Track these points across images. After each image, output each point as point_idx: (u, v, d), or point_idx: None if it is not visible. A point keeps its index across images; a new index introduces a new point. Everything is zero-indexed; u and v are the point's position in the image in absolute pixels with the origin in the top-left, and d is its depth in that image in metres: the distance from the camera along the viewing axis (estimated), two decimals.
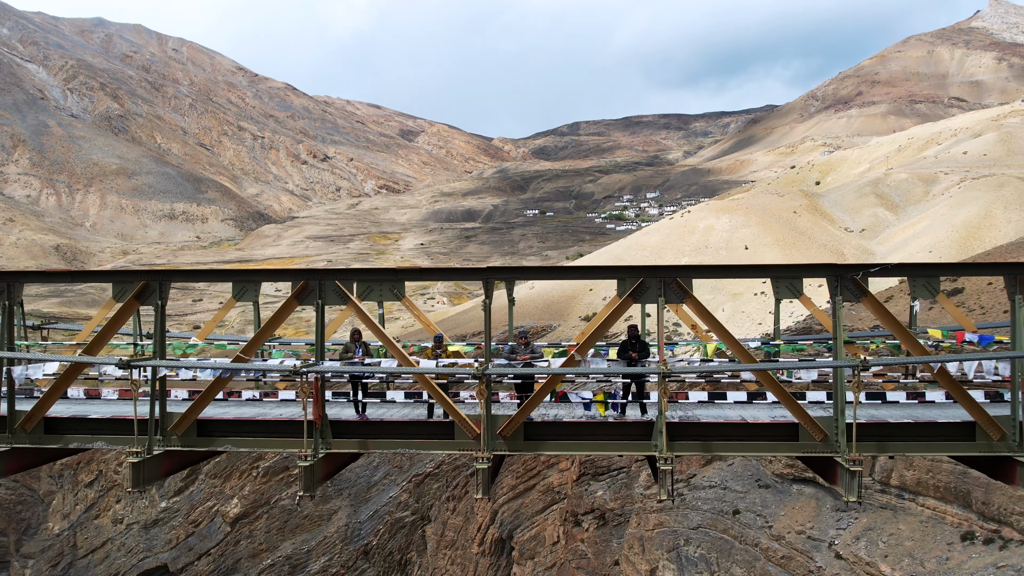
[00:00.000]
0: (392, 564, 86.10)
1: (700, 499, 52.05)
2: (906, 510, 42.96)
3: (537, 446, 14.56)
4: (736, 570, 47.94)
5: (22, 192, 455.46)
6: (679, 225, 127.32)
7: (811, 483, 48.10)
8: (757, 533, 47.45)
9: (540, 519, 67.64)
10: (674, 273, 14.20)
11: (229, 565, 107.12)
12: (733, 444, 14.99)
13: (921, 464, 42.44)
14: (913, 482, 42.94)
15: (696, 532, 51.11)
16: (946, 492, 41.34)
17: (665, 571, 52.32)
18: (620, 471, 60.18)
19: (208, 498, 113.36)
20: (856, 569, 41.56)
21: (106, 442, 15.30)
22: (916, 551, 40.30)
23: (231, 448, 14.78)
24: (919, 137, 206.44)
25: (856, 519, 44.35)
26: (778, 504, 48.09)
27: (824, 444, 14.16)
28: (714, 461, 54.64)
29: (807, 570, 43.81)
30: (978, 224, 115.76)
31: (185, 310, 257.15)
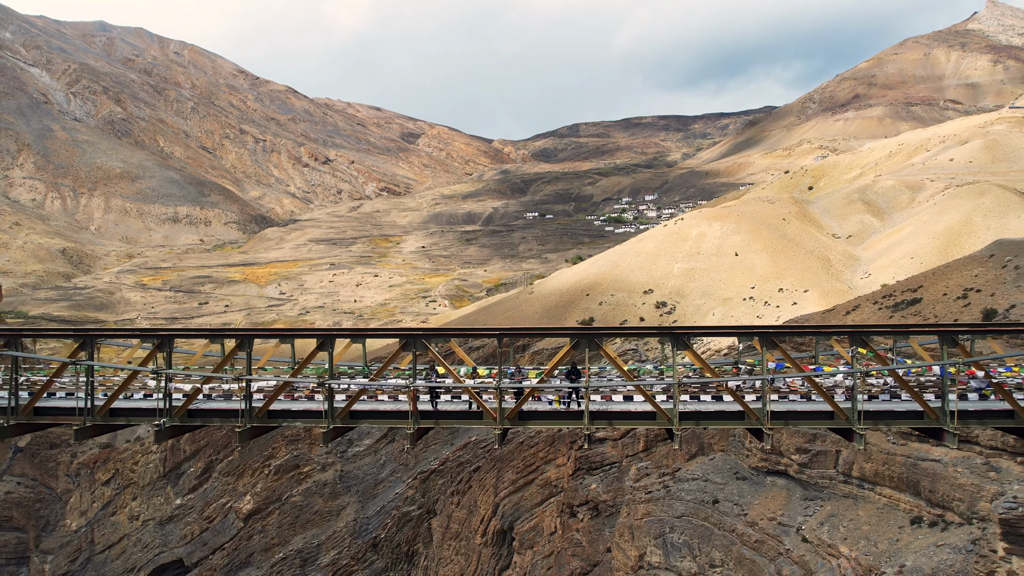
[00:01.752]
0: (400, 555, 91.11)
1: (684, 491, 57.02)
2: (865, 498, 47.91)
3: (525, 424, 23.14)
4: (715, 554, 52.93)
5: (27, 196, 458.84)
6: (672, 232, 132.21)
7: (783, 475, 53.08)
8: (734, 520, 52.44)
9: (538, 511, 72.65)
10: (595, 336, 22.22)
11: (242, 559, 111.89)
12: (623, 421, 23.24)
13: (878, 457, 47.42)
14: (872, 473, 47.89)
15: (680, 520, 56.09)
16: (900, 482, 46.28)
17: (652, 556, 57.31)
18: (612, 466, 65.18)
19: (222, 495, 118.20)
20: (819, 551, 46.55)
21: (303, 423, 23.47)
22: (872, 534, 45.30)
23: (369, 424, 23.83)
24: (909, 143, 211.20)
25: (821, 507, 49.33)
26: (753, 494, 53.06)
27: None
28: (698, 456, 59.58)
29: (777, 553, 48.80)
30: (959, 231, 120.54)
31: (192, 313, 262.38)
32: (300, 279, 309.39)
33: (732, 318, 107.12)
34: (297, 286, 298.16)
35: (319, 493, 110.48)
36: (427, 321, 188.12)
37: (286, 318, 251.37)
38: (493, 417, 21.78)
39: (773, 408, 22.21)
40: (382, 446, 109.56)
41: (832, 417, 21.48)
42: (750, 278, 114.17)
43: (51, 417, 23.08)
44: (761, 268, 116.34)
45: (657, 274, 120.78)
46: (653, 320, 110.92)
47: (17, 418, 21.86)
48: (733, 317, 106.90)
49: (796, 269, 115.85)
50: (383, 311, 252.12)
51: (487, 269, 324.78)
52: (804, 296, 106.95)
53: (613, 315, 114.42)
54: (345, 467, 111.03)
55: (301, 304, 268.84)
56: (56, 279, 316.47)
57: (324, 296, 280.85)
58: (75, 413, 21.97)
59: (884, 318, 57.05)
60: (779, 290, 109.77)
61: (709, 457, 57.83)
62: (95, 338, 22.29)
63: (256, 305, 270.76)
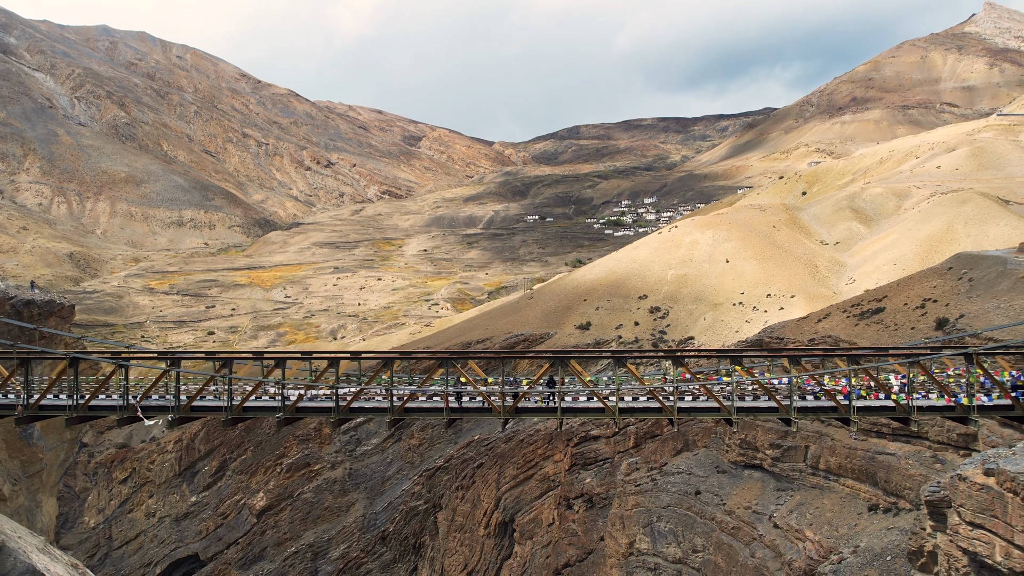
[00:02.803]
0: (407, 547, 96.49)
1: (670, 483, 62.37)
2: (830, 488, 53.29)
3: (519, 416, 29.67)
4: (697, 540, 58.30)
5: (34, 200, 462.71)
6: (666, 239, 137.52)
7: (759, 468, 58.43)
8: (714, 509, 57.80)
9: (537, 504, 77.98)
10: (566, 357, 29.75)
11: (256, 553, 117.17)
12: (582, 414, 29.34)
13: (842, 451, 52.81)
14: (836, 466, 53.27)
15: (666, 510, 61.44)
16: (860, 473, 51.67)
17: (641, 544, 62.67)
18: (605, 461, 70.53)
19: (235, 492, 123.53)
20: (788, 535, 51.94)
21: (374, 416, 31.55)
22: (834, 520, 50.68)
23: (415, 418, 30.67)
24: (899, 149, 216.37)
25: (791, 496, 54.70)
26: (731, 486, 58.41)
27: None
28: (683, 451, 64.93)
29: (751, 538, 54.17)
30: (940, 239, 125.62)
31: (199, 316, 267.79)
32: (305, 282, 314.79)
33: (722, 322, 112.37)
34: (302, 289, 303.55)
35: (329, 490, 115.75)
36: (431, 324, 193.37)
37: (291, 321, 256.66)
38: (499, 412, 28.22)
39: (680, 405, 28.44)
40: (389, 445, 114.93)
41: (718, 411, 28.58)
42: (740, 284, 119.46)
43: (203, 413, 30.90)
44: (751, 274, 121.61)
45: (651, 280, 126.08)
46: (647, 324, 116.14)
47: (179, 412, 29.18)
48: (723, 322, 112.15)
49: (784, 275, 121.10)
50: (387, 314, 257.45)
51: (488, 272, 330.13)
52: (791, 301, 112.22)
53: (609, 320, 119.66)
54: (354, 465, 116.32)
55: (306, 307, 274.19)
56: (64, 283, 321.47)
57: (328, 299, 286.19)
58: (222, 411, 29.35)
59: (851, 326, 62.23)
60: (767, 296, 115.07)
61: (693, 452, 63.21)
62: (232, 360, 28.94)
63: (262, 308, 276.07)
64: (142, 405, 28.66)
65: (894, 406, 26.87)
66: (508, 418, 27.77)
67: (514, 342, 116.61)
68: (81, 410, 28.51)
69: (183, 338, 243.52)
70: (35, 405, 28.51)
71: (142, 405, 28.66)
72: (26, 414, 28.52)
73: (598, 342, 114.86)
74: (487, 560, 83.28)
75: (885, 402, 27.40)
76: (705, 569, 56.80)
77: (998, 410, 26.47)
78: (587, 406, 29.56)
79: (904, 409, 26.41)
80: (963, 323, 51.52)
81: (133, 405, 27.80)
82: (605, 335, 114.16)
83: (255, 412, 29.75)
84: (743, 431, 57.38)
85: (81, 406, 28.34)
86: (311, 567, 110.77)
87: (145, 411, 28.39)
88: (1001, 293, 54.23)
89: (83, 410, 28.53)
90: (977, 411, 25.67)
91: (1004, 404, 26.31)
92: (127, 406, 27.68)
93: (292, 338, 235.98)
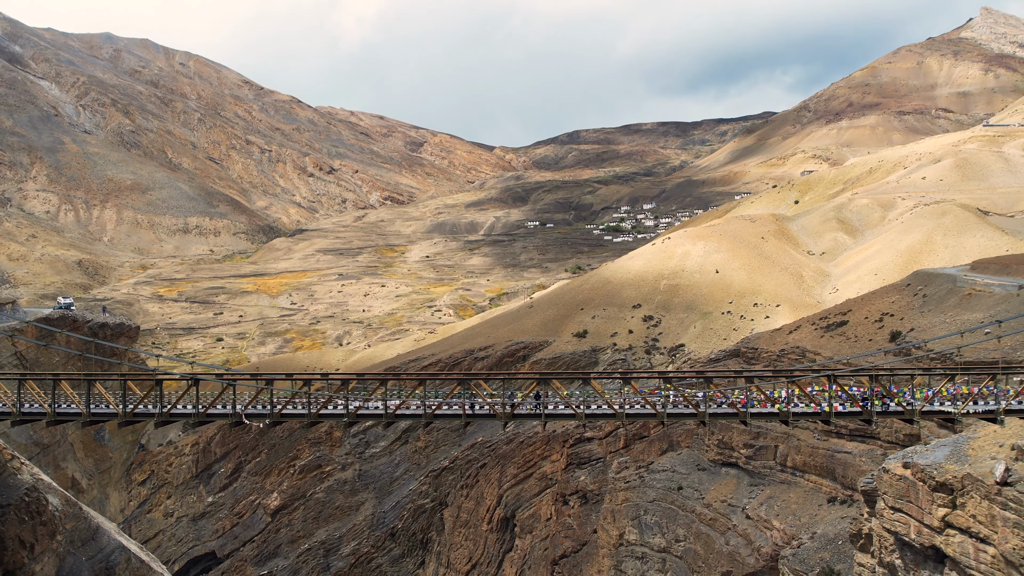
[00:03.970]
0: (415, 543, 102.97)
1: (655, 480, 68.82)
2: (796, 483, 59.74)
3: (516, 419, 36.09)
4: (679, 531, 64.74)
5: (41, 208, 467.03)
6: (659, 250, 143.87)
7: (735, 466, 64.86)
8: (694, 503, 64.24)
9: (536, 500, 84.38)
10: (547, 377, 34.67)
11: (271, 550, 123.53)
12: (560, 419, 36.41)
13: (806, 450, 59.27)
14: (801, 463, 59.72)
15: (652, 504, 67.86)
16: (822, 470, 58.11)
17: (630, 535, 69.11)
18: (598, 460, 76.99)
19: (250, 492, 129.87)
20: (758, 525, 58.38)
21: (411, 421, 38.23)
22: (798, 511, 57.13)
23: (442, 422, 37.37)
24: (888, 160, 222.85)
25: (762, 490, 61.15)
26: (710, 482, 64.85)
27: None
28: (668, 451, 71.39)
29: (726, 528, 60.59)
30: (919, 249, 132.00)
31: (208, 323, 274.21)
32: (310, 289, 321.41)
33: (711, 330, 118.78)
34: (307, 296, 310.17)
35: (340, 490, 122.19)
36: (434, 331, 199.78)
37: (298, 328, 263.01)
38: (500, 416, 34.61)
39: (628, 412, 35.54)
40: (396, 447, 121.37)
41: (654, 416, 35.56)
42: (728, 294, 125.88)
43: (288, 418, 37.80)
44: (739, 284, 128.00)
45: (645, 290, 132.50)
46: (641, 332, 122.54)
47: (272, 418, 36.38)
48: (712, 330, 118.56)
49: (771, 285, 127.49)
50: (391, 320, 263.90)
51: (490, 279, 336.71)
52: (776, 310, 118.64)
53: (605, 327, 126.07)
54: (363, 467, 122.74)
55: (312, 314, 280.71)
56: (74, 290, 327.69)
57: (334, 306, 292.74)
58: (304, 416, 36.62)
59: (817, 337, 68.47)
60: (754, 305, 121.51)
61: (677, 452, 69.67)
62: (312, 380, 36.12)
63: (269, 315, 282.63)
64: (220, 411, 35.95)
65: (778, 412, 33.95)
66: (507, 421, 34.31)
67: (515, 349, 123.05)
68: (200, 416, 35.10)
69: (192, 344, 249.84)
70: (168, 412, 35.25)
71: (220, 411, 35.95)
72: (160, 419, 34.82)
73: (594, 349, 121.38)
74: (490, 553, 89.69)
75: (771, 409, 34.46)
76: (686, 557, 63.10)
77: (851, 415, 33.83)
78: (563, 412, 36.48)
79: (784, 414, 33.69)
80: (912, 336, 57.76)
81: (239, 413, 34.65)
82: (601, 343, 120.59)
83: (327, 417, 36.80)
84: (720, 432, 63.71)
85: (201, 413, 35.23)
86: (323, 563, 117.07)
87: (247, 416, 35.66)
88: (948, 308, 60.41)
89: (202, 416, 35.07)
90: (835, 415, 32.81)
91: (855, 411, 33.52)
92: (234, 413, 34.89)
93: (299, 344, 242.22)
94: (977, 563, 33.99)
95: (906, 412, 30.41)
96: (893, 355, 56.00)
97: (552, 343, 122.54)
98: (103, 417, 34.15)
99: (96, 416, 34.39)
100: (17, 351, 42.55)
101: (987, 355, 48.48)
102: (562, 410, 35.73)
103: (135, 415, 33.87)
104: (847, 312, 71.50)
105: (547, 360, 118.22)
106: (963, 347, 49.31)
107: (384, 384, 34.14)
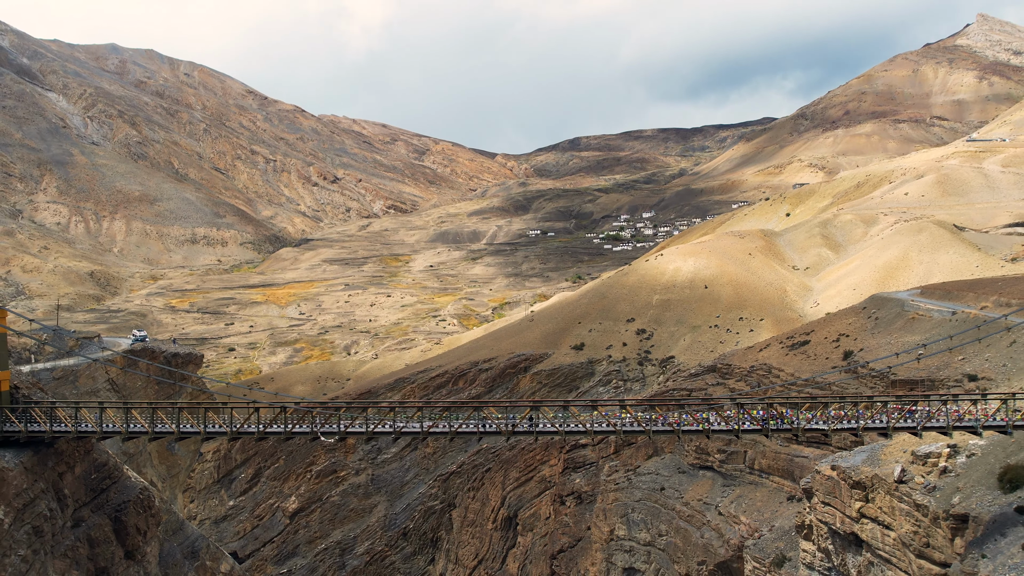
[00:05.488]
0: (426, 541, 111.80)
1: (642, 481, 77.54)
2: (762, 484, 68.38)
3: (515, 435, 43.91)
4: (662, 526, 73.43)
5: (52, 220, 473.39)
6: (652, 267, 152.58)
7: (710, 469, 73.51)
8: (674, 502, 72.92)
9: (536, 501, 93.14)
10: (537, 406, 43.34)
11: (289, 550, 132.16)
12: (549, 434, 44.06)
13: (770, 454, 67.97)
14: (767, 466, 68.37)
15: (639, 503, 76.56)
16: (783, 472, 66.74)
17: (619, 531, 77.81)
18: (591, 465, 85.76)
19: (270, 496, 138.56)
20: (728, 520, 67.04)
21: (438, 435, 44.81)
22: (762, 508, 65.78)
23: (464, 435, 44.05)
24: (875, 174, 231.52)
25: (733, 490, 69.80)
26: (689, 483, 73.54)
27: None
28: (653, 456, 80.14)
29: (702, 523, 69.27)
30: (896, 265, 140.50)
31: (219, 333, 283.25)
32: (318, 299, 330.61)
33: (699, 343, 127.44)
34: (315, 306, 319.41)
35: (354, 494, 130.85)
36: (440, 342, 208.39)
37: (307, 337, 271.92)
38: (504, 433, 43.07)
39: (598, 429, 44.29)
40: (406, 453, 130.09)
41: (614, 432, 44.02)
42: (716, 308, 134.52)
43: (352, 435, 44.50)
44: (726, 299, 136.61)
45: (638, 304, 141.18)
46: (634, 345, 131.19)
47: (340, 435, 44.30)
48: (700, 342, 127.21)
49: (756, 300, 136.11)
50: (397, 330, 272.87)
51: (492, 288, 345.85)
52: (759, 324, 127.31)
53: (601, 340, 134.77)
54: (376, 472, 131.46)
55: (320, 324, 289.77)
56: (87, 301, 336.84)
57: (341, 316, 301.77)
58: (363, 434, 43.50)
59: (782, 355, 76.97)
60: (739, 319, 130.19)
61: (661, 457, 78.37)
62: (368, 407, 43.67)
63: (278, 325, 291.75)
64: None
65: (703, 430, 42.21)
66: (509, 436, 42.87)
67: (517, 361, 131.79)
68: (287, 434, 42.84)
69: (206, 355, 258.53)
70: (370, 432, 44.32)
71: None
72: (259, 436, 43.53)
73: (591, 361, 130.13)
74: (495, 550, 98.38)
75: (698, 428, 42.53)
76: (668, 549, 71.69)
77: (754, 432, 42.04)
78: (549, 430, 44.03)
79: (707, 431, 42.26)
80: (860, 355, 66.22)
81: (316, 431, 42.34)
82: (597, 355, 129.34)
83: (379, 434, 43.66)
84: (697, 440, 72.25)
85: (287, 431, 43.13)
86: (339, 561, 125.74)
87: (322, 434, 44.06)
88: (895, 331, 68.85)
89: (288, 434, 42.88)
90: (741, 431, 41.41)
91: (756, 429, 41.67)
92: (312, 431, 42.59)
93: (308, 354, 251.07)
94: (883, 545, 42.66)
95: (792, 429, 39.06)
96: (842, 372, 64.73)
97: (551, 355, 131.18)
98: (190, 434, 42.45)
99: (184, 433, 42.76)
100: (109, 378, 50.98)
101: (916, 374, 57.20)
102: (549, 428, 43.92)
103: (239, 432, 42.03)
104: (810, 332, 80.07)
105: (547, 371, 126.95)
106: (895, 367, 58.15)
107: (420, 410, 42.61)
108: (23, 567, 31.28)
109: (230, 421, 40.38)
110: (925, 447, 42.35)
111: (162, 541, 38.58)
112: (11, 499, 31.53)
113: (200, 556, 40.31)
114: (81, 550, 34.91)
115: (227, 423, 40.30)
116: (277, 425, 41.76)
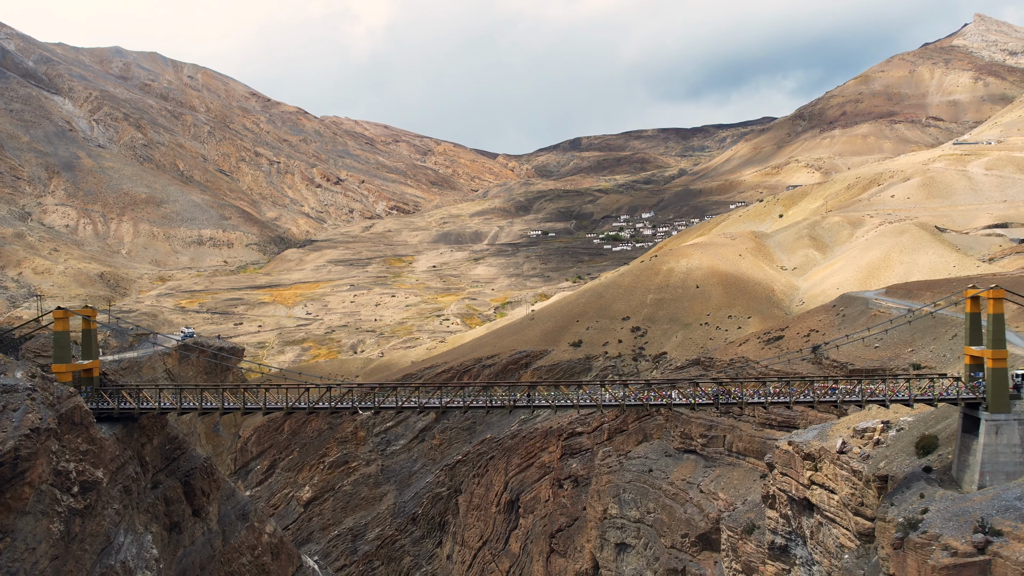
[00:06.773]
0: (434, 525, 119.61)
1: (632, 465, 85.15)
2: (739, 464, 75.93)
3: (516, 407, 50.70)
4: (650, 504, 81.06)
5: (61, 222, 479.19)
6: (647, 267, 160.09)
7: (693, 452, 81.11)
8: (661, 482, 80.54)
9: (536, 485, 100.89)
10: (536, 384, 49.86)
11: (304, 536, 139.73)
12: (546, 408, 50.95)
13: (745, 438, 75.54)
14: (743, 448, 75.92)
15: (629, 484, 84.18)
16: (758, 454, 74.23)
17: (612, 510, 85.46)
18: (586, 451, 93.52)
19: (285, 486, 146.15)
20: (708, 497, 74.64)
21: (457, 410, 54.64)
22: (738, 485, 73.35)
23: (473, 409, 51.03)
24: (864, 177, 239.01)
25: (714, 470, 77.39)
26: (674, 465, 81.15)
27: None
28: (643, 442, 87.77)
29: (685, 500, 76.87)
30: (878, 265, 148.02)
31: (229, 333, 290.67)
32: (323, 300, 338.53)
33: (690, 340, 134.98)
34: (321, 306, 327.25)
35: (365, 483, 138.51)
36: (444, 340, 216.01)
37: (314, 337, 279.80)
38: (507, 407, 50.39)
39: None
40: (414, 445, 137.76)
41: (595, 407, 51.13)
42: (707, 307, 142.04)
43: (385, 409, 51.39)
44: (716, 298, 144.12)
45: (633, 303, 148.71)
46: (629, 342, 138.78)
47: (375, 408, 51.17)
48: (691, 339, 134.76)
49: (745, 299, 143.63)
50: (401, 329, 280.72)
51: (494, 288, 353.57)
52: (747, 322, 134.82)
53: (598, 338, 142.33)
54: (385, 462, 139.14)
55: (327, 323, 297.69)
56: (99, 303, 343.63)
57: (347, 316, 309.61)
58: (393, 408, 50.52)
59: (759, 349, 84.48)
60: (728, 317, 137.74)
61: (650, 442, 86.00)
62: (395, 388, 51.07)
63: (286, 325, 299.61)
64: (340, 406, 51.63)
65: (665, 403, 50.10)
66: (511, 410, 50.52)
67: (518, 358, 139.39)
68: (332, 409, 49.64)
69: None
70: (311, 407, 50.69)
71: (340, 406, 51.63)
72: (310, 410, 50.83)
73: (588, 357, 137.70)
74: (498, 531, 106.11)
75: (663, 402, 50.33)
76: (655, 525, 79.29)
77: (707, 405, 49.31)
78: (543, 404, 51.48)
79: (668, 405, 50.46)
80: (825, 348, 73.90)
81: (355, 406, 49.58)
82: (594, 351, 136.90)
83: (404, 409, 50.53)
84: (682, 426, 79.83)
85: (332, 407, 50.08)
86: (352, 547, 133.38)
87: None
88: (858, 327, 76.13)
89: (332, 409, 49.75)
90: (697, 405, 49.17)
91: (709, 403, 48.94)
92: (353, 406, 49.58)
93: (316, 352, 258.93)
94: (829, 507, 50.26)
95: (738, 403, 46.61)
96: (810, 363, 72.34)
97: (551, 352, 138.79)
98: (253, 410, 49.49)
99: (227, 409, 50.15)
100: (167, 368, 58.39)
101: (870, 364, 64.80)
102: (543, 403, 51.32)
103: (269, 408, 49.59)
104: (785, 328, 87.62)
105: (547, 367, 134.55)
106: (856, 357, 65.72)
107: (440, 388, 50.16)
108: (116, 518, 38.73)
109: (285, 398, 47.88)
110: (863, 423, 50.03)
111: (220, 503, 46.07)
112: (107, 463, 38.93)
113: (249, 518, 47.75)
114: (159, 507, 42.43)
115: (283, 400, 47.82)
116: (322, 403, 49.25)
